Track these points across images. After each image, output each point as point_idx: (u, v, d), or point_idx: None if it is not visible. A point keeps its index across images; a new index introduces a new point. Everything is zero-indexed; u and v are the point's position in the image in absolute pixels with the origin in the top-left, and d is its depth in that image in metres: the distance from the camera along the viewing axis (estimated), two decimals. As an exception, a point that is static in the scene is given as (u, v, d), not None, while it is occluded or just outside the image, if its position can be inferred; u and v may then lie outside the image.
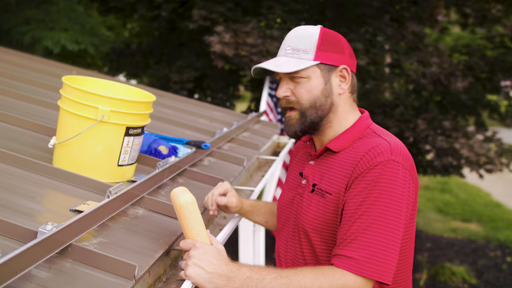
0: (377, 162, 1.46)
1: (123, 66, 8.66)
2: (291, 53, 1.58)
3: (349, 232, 1.43)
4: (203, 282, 1.35)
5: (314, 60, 1.56)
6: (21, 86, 3.19)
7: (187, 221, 1.46)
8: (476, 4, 7.02)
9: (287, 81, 1.61)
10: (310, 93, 1.58)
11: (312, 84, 1.58)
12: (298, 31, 1.61)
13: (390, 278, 1.41)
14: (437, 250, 8.44)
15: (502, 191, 11.85)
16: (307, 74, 1.57)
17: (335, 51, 1.59)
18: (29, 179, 1.77)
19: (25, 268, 1.19)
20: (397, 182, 1.44)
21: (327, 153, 1.64)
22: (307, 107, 1.59)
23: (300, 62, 1.56)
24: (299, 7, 6.68)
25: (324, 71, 1.59)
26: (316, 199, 1.58)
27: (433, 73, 6.56)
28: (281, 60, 1.58)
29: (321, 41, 1.57)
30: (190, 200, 1.47)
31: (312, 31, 1.60)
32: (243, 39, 5.88)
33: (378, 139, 1.54)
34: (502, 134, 7.23)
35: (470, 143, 6.61)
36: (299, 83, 1.58)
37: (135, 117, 1.91)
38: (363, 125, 1.62)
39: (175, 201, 1.48)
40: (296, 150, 1.87)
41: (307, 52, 1.57)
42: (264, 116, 5.22)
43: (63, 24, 7.71)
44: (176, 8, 7.97)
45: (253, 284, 1.36)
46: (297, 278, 1.37)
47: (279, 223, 1.78)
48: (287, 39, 1.62)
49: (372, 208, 1.42)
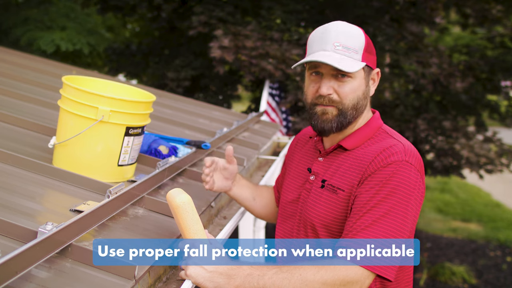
0: (391, 161, 1.47)
1: (123, 66, 8.66)
2: (343, 51, 1.54)
3: (355, 225, 1.44)
4: (204, 282, 1.35)
5: (362, 61, 1.56)
6: (21, 86, 3.19)
7: (184, 222, 1.46)
8: (476, 4, 7.02)
9: (330, 78, 1.56)
10: (354, 93, 1.57)
11: (356, 84, 1.57)
12: (344, 27, 1.57)
13: (393, 274, 1.41)
14: (437, 250, 8.44)
15: (502, 191, 11.84)
16: (354, 75, 1.56)
17: (373, 54, 1.61)
18: (29, 179, 1.77)
19: (25, 268, 1.19)
20: (409, 182, 1.46)
21: (338, 150, 1.64)
22: (349, 107, 1.57)
23: (355, 62, 1.54)
24: (299, 7, 6.68)
25: (366, 73, 1.59)
26: (327, 195, 1.58)
27: (432, 74, 6.56)
28: (335, 57, 1.53)
29: (367, 42, 1.58)
30: (186, 200, 1.46)
31: (358, 30, 1.58)
32: (243, 43, 5.87)
33: (392, 140, 1.56)
34: (502, 134, 7.23)
35: (470, 143, 6.61)
36: (345, 82, 1.56)
37: (135, 117, 1.91)
38: (375, 125, 1.64)
39: (172, 202, 1.48)
40: (298, 146, 1.84)
41: (357, 52, 1.55)
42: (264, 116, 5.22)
43: (62, 23, 7.69)
44: (176, 8, 7.97)
45: (254, 280, 1.36)
46: (298, 272, 1.37)
47: (281, 218, 1.77)
48: (332, 33, 1.55)
49: (381, 204, 1.43)
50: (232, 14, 6.50)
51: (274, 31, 6.27)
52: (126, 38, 9.97)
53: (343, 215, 1.54)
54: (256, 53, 5.84)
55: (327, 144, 1.69)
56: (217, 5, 6.54)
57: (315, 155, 1.71)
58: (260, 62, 5.80)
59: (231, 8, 6.54)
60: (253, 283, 1.36)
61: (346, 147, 1.61)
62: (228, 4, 6.68)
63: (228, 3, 6.84)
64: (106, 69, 9.23)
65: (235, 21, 6.33)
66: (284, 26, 6.43)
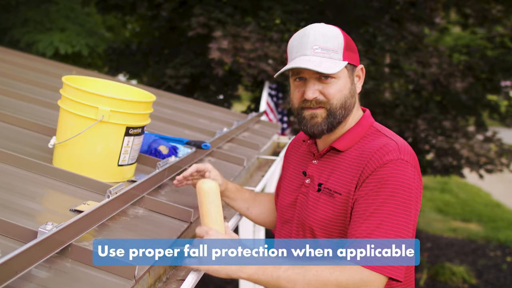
0: (386, 160, 1.48)
1: (123, 66, 8.66)
2: (322, 53, 1.55)
3: (360, 229, 1.44)
4: (217, 269, 1.38)
5: (343, 60, 1.56)
6: (21, 86, 3.19)
7: (206, 207, 1.49)
8: (476, 4, 7.02)
9: (314, 82, 1.57)
10: (341, 93, 1.57)
11: (342, 84, 1.57)
12: (321, 29, 1.57)
13: (402, 275, 1.43)
14: (437, 250, 8.44)
15: (502, 191, 11.85)
16: (338, 75, 1.56)
17: (354, 51, 1.62)
18: (29, 179, 1.77)
19: (25, 268, 1.19)
20: (407, 180, 1.46)
21: (332, 152, 1.64)
22: (337, 107, 1.57)
23: (335, 63, 1.54)
24: (299, 7, 6.68)
25: (349, 71, 1.60)
26: (324, 199, 1.58)
27: (432, 74, 6.56)
28: (315, 60, 1.54)
29: (346, 41, 1.58)
30: (213, 187, 1.51)
31: (335, 30, 1.59)
32: (241, 45, 5.86)
33: (385, 138, 1.56)
34: (502, 134, 7.23)
35: (470, 143, 6.61)
36: (329, 83, 1.56)
37: (135, 117, 1.91)
38: (366, 124, 1.64)
39: (199, 187, 1.53)
40: (294, 150, 1.85)
41: (336, 52, 1.56)
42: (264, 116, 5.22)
43: (62, 24, 7.68)
44: (176, 7, 7.97)
45: (267, 271, 1.38)
46: (314, 268, 1.38)
47: (279, 222, 1.78)
48: (310, 37, 1.56)
49: (382, 207, 1.44)
50: (232, 15, 6.49)
51: (273, 32, 6.27)
52: (126, 38, 9.97)
53: (341, 217, 1.54)
54: (255, 55, 5.83)
55: (320, 146, 1.70)
56: (216, 6, 6.53)
57: (310, 158, 1.72)
58: (259, 63, 5.80)
59: (230, 9, 6.53)
60: (266, 273, 1.38)
61: (339, 149, 1.60)
62: (227, 5, 6.68)
63: (228, 3, 6.83)
64: (106, 69, 9.22)
65: (234, 22, 6.32)
66: (283, 26, 6.43)
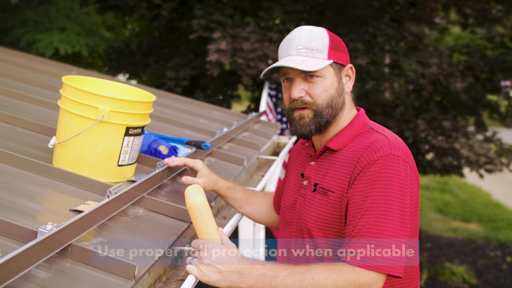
0: (377, 157, 1.47)
1: (123, 65, 8.66)
2: (306, 52, 1.57)
3: (356, 228, 1.44)
4: (217, 280, 1.38)
5: (328, 59, 1.57)
6: (21, 86, 3.19)
7: (197, 222, 1.47)
8: (476, 4, 7.02)
9: (300, 81, 1.58)
10: (327, 92, 1.58)
11: (328, 83, 1.58)
12: (306, 31, 1.60)
13: (402, 271, 1.42)
14: (437, 250, 8.44)
15: (502, 191, 11.85)
16: (323, 73, 1.57)
17: (342, 51, 1.62)
18: (29, 179, 1.77)
19: (25, 268, 1.19)
20: (399, 175, 1.46)
21: (327, 152, 1.64)
22: (323, 106, 1.58)
23: (318, 61, 1.55)
24: (299, 8, 6.68)
25: (336, 70, 1.60)
26: (319, 198, 1.59)
27: (432, 74, 6.57)
28: (298, 59, 1.55)
29: (331, 40, 1.59)
30: (200, 202, 1.48)
31: (321, 31, 1.60)
32: (240, 45, 5.86)
33: (376, 134, 1.56)
34: (502, 134, 7.24)
35: (470, 143, 6.62)
36: (315, 82, 1.57)
37: (135, 117, 1.91)
38: (360, 122, 1.64)
39: (186, 202, 1.50)
40: (296, 154, 1.87)
41: (321, 51, 1.57)
42: (264, 116, 5.22)
43: (61, 24, 7.67)
44: (176, 7, 7.97)
45: (267, 281, 1.38)
46: (310, 275, 1.38)
47: (281, 224, 1.79)
48: (295, 39, 1.59)
49: (376, 203, 1.43)
50: (232, 16, 6.49)
51: (273, 32, 6.26)
52: (126, 37, 9.97)
53: (336, 216, 1.54)
54: (254, 55, 5.82)
55: (317, 148, 1.71)
56: (216, 7, 6.53)
57: (308, 160, 1.73)
58: (258, 63, 5.80)
59: (230, 10, 6.53)
60: (265, 283, 1.38)
61: (333, 148, 1.61)
62: (227, 6, 6.68)
63: (228, 4, 6.83)
64: (106, 68, 9.22)
65: (234, 23, 6.32)
66: (283, 26, 6.43)
